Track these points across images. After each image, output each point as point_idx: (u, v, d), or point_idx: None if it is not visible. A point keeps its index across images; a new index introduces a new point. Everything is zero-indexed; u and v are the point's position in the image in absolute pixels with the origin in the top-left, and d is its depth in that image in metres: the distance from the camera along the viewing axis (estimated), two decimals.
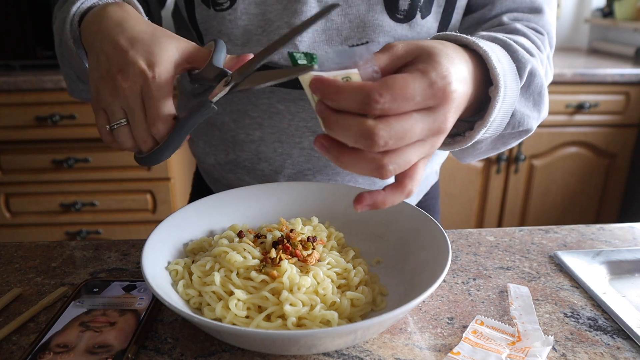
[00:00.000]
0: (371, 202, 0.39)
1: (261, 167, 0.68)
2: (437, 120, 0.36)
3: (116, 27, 0.48)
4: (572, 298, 0.51)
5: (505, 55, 0.48)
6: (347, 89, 0.34)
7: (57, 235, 1.79)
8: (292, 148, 0.66)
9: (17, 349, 0.43)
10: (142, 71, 0.45)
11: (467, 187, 1.95)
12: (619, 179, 1.97)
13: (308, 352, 0.41)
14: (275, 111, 0.65)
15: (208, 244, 0.53)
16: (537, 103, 0.54)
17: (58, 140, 1.67)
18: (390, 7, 0.60)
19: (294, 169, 0.68)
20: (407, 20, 0.61)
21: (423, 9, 0.61)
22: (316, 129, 0.65)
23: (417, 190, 0.78)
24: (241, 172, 0.70)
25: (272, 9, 0.60)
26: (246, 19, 0.61)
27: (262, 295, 0.44)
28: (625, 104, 1.85)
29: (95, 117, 0.48)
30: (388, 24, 0.61)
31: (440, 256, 0.46)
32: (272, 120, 0.65)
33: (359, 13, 0.61)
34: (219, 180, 0.75)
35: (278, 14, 0.61)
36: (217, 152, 0.71)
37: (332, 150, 0.37)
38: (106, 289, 0.50)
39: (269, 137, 0.66)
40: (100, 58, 0.47)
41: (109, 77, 0.46)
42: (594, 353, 0.43)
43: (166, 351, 0.43)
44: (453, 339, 0.45)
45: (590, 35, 2.40)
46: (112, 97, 0.46)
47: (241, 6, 0.60)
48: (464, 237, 0.64)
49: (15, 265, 0.57)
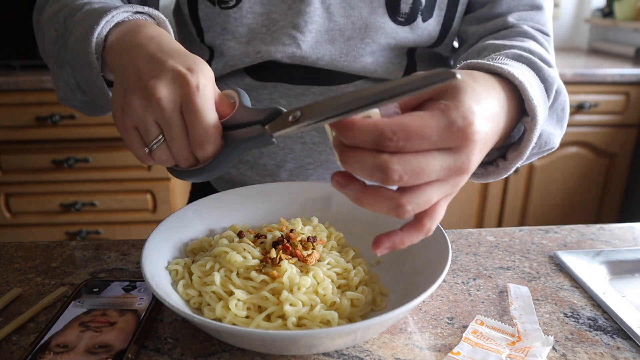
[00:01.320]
0: (390, 245, 0.37)
1: (263, 161, 0.69)
2: (458, 161, 0.34)
3: (150, 41, 0.43)
4: (572, 298, 0.51)
5: (534, 77, 0.46)
6: (361, 126, 0.33)
7: (57, 235, 1.79)
8: (294, 143, 0.67)
9: (17, 349, 0.43)
10: (183, 77, 0.39)
11: (467, 187, 1.95)
12: (619, 179, 1.97)
13: (308, 352, 0.41)
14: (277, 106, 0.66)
15: (208, 244, 0.53)
16: (560, 119, 0.53)
17: (58, 140, 1.67)
18: (391, 10, 0.61)
19: (295, 164, 0.68)
20: (409, 23, 0.62)
21: (424, 12, 0.62)
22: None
23: None
24: (243, 167, 0.71)
25: (276, 8, 0.61)
26: (251, 17, 0.62)
27: (262, 295, 0.44)
28: (625, 104, 1.85)
29: (126, 139, 0.42)
30: (389, 26, 0.62)
31: (440, 256, 0.46)
32: None
33: (361, 15, 0.62)
34: (221, 176, 0.75)
35: (282, 14, 0.61)
36: None
37: (348, 187, 0.35)
38: (106, 289, 0.50)
39: None
40: (127, 72, 0.42)
41: (138, 87, 0.40)
42: (594, 353, 0.43)
43: (166, 351, 0.43)
44: (453, 339, 0.45)
45: (590, 35, 2.40)
46: (144, 111, 0.40)
47: (247, 5, 0.61)
48: (464, 237, 0.64)
49: (15, 265, 0.57)
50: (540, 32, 0.62)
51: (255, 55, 0.63)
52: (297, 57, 0.62)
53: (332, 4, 0.61)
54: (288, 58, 0.62)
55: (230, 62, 0.64)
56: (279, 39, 0.62)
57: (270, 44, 0.62)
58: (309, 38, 0.62)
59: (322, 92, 0.65)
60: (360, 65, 0.64)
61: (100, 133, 1.66)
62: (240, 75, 0.66)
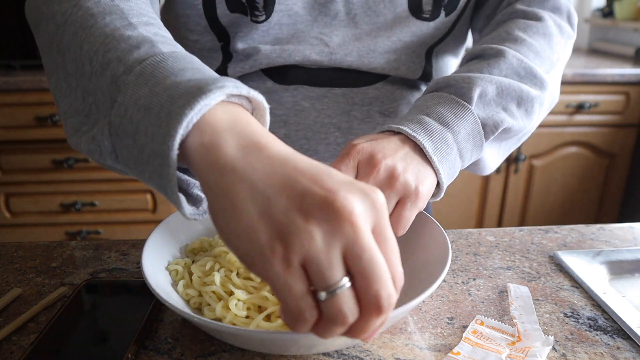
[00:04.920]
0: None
1: None
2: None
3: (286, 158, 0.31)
4: (572, 298, 0.51)
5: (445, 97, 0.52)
6: None
7: (57, 235, 1.79)
8: (318, 144, 0.68)
9: (17, 349, 0.43)
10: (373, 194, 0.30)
11: (467, 187, 1.95)
12: (619, 179, 1.97)
13: (308, 352, 0.41)
14: (300, 108, 0.66)
15: (208, 244, 0.53)
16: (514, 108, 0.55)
17: (58, 140, 1.67)
18: (414, 11, 0.63)
19: None
20: (433, 19, 0.64)
21: (448, 6, 0.63)
22: (341, 124, 0.67)
23: None
24: None
25: (302, 19, 0.62)
26: (277, 29, 0.62)
27: (262, 295, 0.44)
28: (625, 104, 1.85)
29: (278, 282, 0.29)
30: (414, 24, 0.64)
31: (440, 256, 0.46)
32: (298, 117, 0.66)
33: (385, 21, 0.63)
34: None
35: (309, 25, 0.63)
36: None
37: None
38: (106, 289, 0.50)
39: (294, 134, 0.67)
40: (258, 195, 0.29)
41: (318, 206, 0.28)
42: (594, 353, 0.43)
43: (166, 351, 0.43)
44: (453, 339, 0.45)
45: (590, 35, 2.40)
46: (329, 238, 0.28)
47: (275, 19, 0.61)
48: (464, 237, 0.64)
49: (15, 265, 0.57)
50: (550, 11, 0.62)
51: (287, 55, 0.63)
52: (326, 53, 0.63)
53: (357, 14, 0.63)
54: (317, 54, 0.63)
55: (260, 62, 0.64)
56: (307, 40, 0.63)
57: (298, 45, 0.63)
58: (336, 39, 0.63)
59: (345, 93, 0.66)
60: (385, 61, 0.65)
61: None
62: (261, 79, 0.66)
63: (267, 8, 0.60)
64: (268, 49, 0.63)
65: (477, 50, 0.58)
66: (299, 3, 0.61)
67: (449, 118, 0.50)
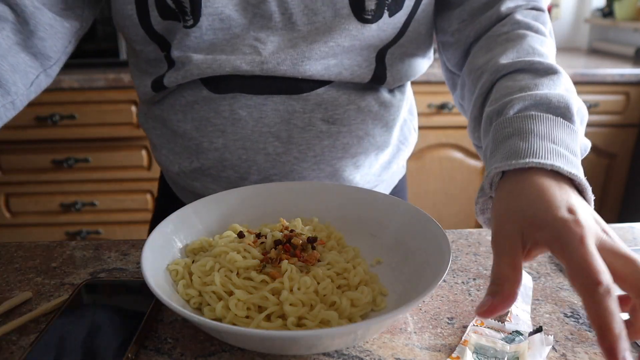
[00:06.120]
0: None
1: (226, 174, 0.67)
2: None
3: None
4: (572, 298, 0.51)
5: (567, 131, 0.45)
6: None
7: (57, 235, 1.79)
8: (257, 154, 0.65)
9: (17, 349, 0.43)
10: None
11: (467, 187, 1.95)
12: (619, 179, 1.97)
13: (308, 352, 0.41)
14: (237, 117, 0.63)
15: (208, 244, 0.53)
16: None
17: (58, 140, 1.67)
18: (356, 9, 0.59)
19: (259, 175, 0.66)
20: (375, 20, 0.60)
21: (392, 6, 0.60)
22: (280, 134, 0.64)
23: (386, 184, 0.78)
24: (206, 180, 0.69)
25: (236, 23, 0.60)
26: (212, 34, 0.60)
27: (262, 295, 0.44)
28: (625, 104, 1.85)
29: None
30: (354, 27, 0.60)
31: (440, 256, 0.46)
32: (235, 127, 0.64)
33: (325, 19, 0.60)
34: (185, 188, 0.73)
35: (244, 28, 0.60)
36: (181, 160, 0.69)
37: None
38: (106, 289, 0.50)
39: (232, 144, 0.64)
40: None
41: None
42: (594, 353, 0.43)
43: (166, 351, 0.43)
44: (453, 339, 0.45)
45: (590, 35, 2.40)
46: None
47: (205, 23, 0.59)
48: (464, 237, 0.64)
49: (15, 265, 0.57)
50: (534, 9, 0.61)
51: (217, 66, 0.61)
52: (257, 62, 0.60)
53: (294, 13, 0.59)
54: (248, 64, 0.60)
55: (191, 72, 0.62)
56: (240, 49, 0.60)
57: (231, 54, 0.60)
58: (270, 47, 0.60)
59: (284, 101, 0.63)
60: (323, 68, 0.62)
61: (100, 133, 1.66)
62: (197, 87, 0.64)
63: (195, 12, 0.58)
64: (200, 59, 0.61)
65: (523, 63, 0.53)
66: (229, 5, 0.59)
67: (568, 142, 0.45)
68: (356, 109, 0.65)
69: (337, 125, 0.65)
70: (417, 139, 0.78)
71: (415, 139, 0.77)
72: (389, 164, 0.73)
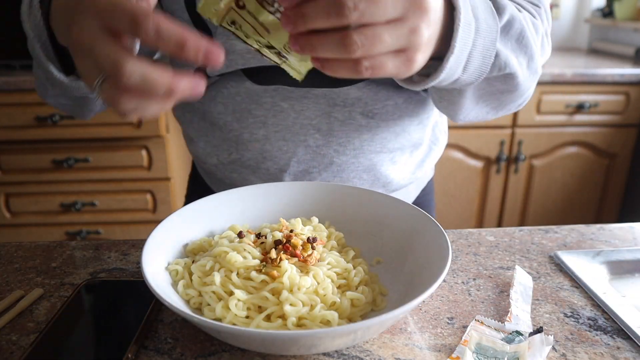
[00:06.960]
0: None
1: (266, 165, 0.68)
2: (412, 30, 0.38)
3: None
4: (572, 298, 0.51)
5: None
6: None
7: (57, 235, 1.79)
8: (297, 146, 0.66)
9: (17, 349, 0.43)
10: None
11: (467, 187, 1.95)
12: (619, 179, 1.97)
13: (308, 352, 0.41)
14: (279, 109, 0.65)
15: (208, 244, 0.53)
16: (522, 46, 0.53)
17: (58, 140, 1.67)
18: None
19: (299, 167, 0.68)
20: None
21: None
22: (321, 126, 0.65)
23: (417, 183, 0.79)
24: (245, 172, 0.70)
25: None
26: None
27: (262, 295, 0.44)
28: (625, 104, 1.85)
29: None
30: None
31: (440, 256, 0.46)
32: (277, 118, 0.65)
33: None
34: (222, 180, 0.75)
35: None
36: (220, 152, 0.70)
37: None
38: (106, 289, 0.50)
39: (273, 135, 0.66)
40: None
41: None
42: (594, 353, 0.43)
43: (166, 351, 0.43)
44: (453, 339, 0.45)
45: (590, 35, 2.40)
46: None
47: None
48: (464, 237, 0.65)
49: (15, 265, 0.57)
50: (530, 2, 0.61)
51: (261, 56, 0.62)
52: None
53: None
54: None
55: (235, 62, 0.63)
56: None
57: None
58: None
59: (325, 94, 0.65)
60: None
61: (100, 133, 1.66)
62: (240, 78, 0.66)
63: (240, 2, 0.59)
64: (243, 48, 0.61)
65: None
66: None
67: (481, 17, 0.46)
68: (394, 104, 0.67)
69: (375, 120, 0.66)
70: (446, 142, 0.79)
71: (445, 141, 0.79)
72: (422, 163, 0.74)
